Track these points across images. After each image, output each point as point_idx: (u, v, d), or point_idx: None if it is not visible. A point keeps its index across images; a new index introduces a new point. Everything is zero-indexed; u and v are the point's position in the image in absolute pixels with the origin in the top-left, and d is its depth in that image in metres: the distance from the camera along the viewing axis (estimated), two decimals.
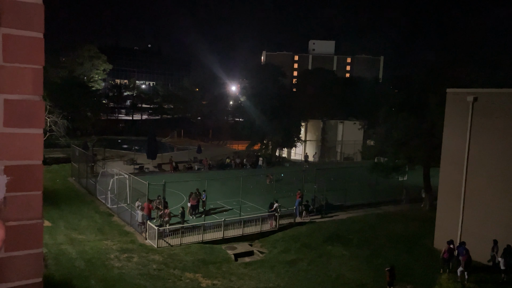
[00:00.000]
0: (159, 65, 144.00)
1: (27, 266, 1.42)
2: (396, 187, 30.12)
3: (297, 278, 18.23)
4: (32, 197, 1.44)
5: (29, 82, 1.40)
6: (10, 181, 1.37)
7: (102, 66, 68.68)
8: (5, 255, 1.37)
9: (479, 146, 19.72)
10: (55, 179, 33.36)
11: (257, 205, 27.58)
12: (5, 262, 1.37)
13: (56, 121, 38.07)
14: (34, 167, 1.43)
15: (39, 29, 1.40)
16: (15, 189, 1.39)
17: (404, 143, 26.42)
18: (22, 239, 1.42)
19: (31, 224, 1.44)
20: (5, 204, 1.37)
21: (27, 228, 1.43)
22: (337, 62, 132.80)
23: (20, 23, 1.35)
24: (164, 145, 55.44)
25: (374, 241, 22.28)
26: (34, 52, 1.40)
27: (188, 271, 17.89)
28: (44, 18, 1.43)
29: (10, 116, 1.37)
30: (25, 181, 1.41)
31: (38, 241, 1.46)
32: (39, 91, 1.42)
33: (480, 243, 18.78)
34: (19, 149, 1.39)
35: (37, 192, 1.45)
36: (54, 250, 18.49)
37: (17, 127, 1.38)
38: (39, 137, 1.44)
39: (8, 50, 1.35)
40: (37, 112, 1.42)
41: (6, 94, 1.36)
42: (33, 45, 1.40)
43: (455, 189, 20.66)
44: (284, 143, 49.54)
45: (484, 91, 20.05)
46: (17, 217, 1.41)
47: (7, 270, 1.38)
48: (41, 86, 1.43)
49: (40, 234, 1.47)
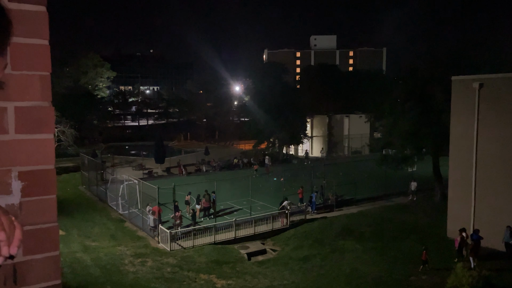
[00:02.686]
0: (162, 69, 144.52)
1: (46, 268, 1.45)
2: (406, 179, 29.92)
3: (311, 274, 18.22)
4: (46, 201, 1.47)
5: (38, 89, 1.44)
6: (25, 186, 1.40)
7: (106, 74, 69.18)
8: (23, 259, 1.41)
9: (487, 133, 19.54)
10: (66, 188, 33.66)
11: (267, 204, 27.60)
12: (24, 266, 1.41)
13: (64, 131, 38.40)
14: (47, 171, 1.46)
15: (45, 37, 1.43)
16: (29, 194, 1.42)
17: (411, 133, 26.25)
18: (39, 243, 1.45)
19: (47, 228, 1.48)
20: (21, 209, 1.41)
21: (43, 231, 1.46)
22: (340, 56, 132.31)
23: (26, 31, 1.38)
24: (172, 148, 55.68)
25: (387, 234, 22.19)
26: (41, 59, 1.44)
27: (202, 273, 17.97)
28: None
29: (21, 123, 1.40)
30: (39, 185, 1.44)
31: (55, 244, 1.49)
32: (47, 97, 1.45)
33: (494, 231, 18.61)
34: (31, 155, 1.42)
35: (51, 196, 1.48)
36: (69, 258, 18.68)
37: (29, 133, 1.41)
38: (50, 142, 1.47)
39: (16, 59, 1.38)
40: (47, 118, 1.46)
41: (16, 101, 1.39)
42: (40, 52, 1.43)
43: (465, 178, 20.49)
44: (290, 140, 49.48)
45: (489, 76, 19.86)
46: (33, 221, 1.44)
47: (26, 274, 1.41)
48: (50, 92, 1.46)
49: (56, 237, 1.50)
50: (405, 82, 28.96)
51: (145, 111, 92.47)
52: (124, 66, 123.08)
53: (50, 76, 1.46)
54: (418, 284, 16.57)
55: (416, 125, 25.86)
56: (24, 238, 1.43)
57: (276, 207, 25.61)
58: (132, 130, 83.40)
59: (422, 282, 16.67)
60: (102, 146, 53.69)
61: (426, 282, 16.67)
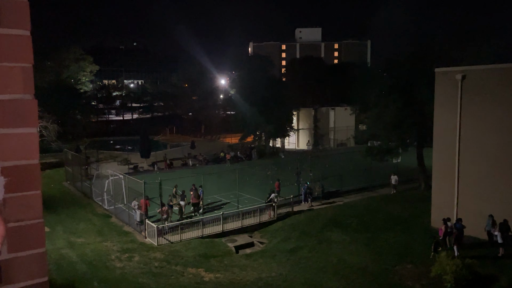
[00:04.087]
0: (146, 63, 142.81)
1: (32, 266, 1.42)
2: (391, 170, 30.32)
3: (298, 265, 18.38)
4: (31, 197, 1.43)
5: (20, 81, 1.39)
6: (8, 182, 1.36)
7: (88, 67, 67.97)
8: (8, 256, 1.37)
9: (470, 123, 19.90)
10: (50, 184, 33.14)
11: (254, 197, 27.67)
12: (9, 263, 1.37)
13: (46, 126, 37.71)
14: (31, 166, 1.42)
15: (26, 27, 1.38)
16: (13, 189, 1.38)
17: (395, 125, 26.55)
18: (24, 240, 1.42)
19: (32, 224, 1.44)
20: (5, 205, 1.36)
21: (29, 228, 1.43)
22: (325, 49, 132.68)
23: (6, 21, 1.33)
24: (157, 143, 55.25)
25: (373, 224, 22.49)
26: (22, 50, 1.38)
27: (190, 267, 17.96)
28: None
29: (2, 116, 1.35)
30: (23, 181, 1.40)
31: (41, 241, 1.46)
32: (30, 89, 1.41)
33: (477, 219, 19.04)
34: (15, 150, 1.38)
35: (36, 191, 1.44)
36: (54, 255, 18.44)
37: (11, 127, 1.36)
38: (34, 136, 1.43)
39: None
40: (30, 111, 1.41)
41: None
42: (21, 43, 1.38)
43: (448, 168, 20.87)
44: (277, 133, 49.57)
45: (472, 68, 20.18)
46: (18, 218, 1.40)
47: (12, 271, 1.37)
48: (32, 84, 1.41)
49: (42, 234, 1.46)
50: (389, 75, 29.22)
51: (130, 105, 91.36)
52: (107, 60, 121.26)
53: (32, 68, 1.41)
54: (403, 273, 16.88)
55: (400, 117, 26.16)
56: (8, 235, 1.40)
57: (263, 200, 25.70)
58: (117, 125, 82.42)
59: (407, 271, 16.98)
60: (86, 141, 52.93)
61: (411, 271, 16.98)
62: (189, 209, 25.05)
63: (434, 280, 15.57)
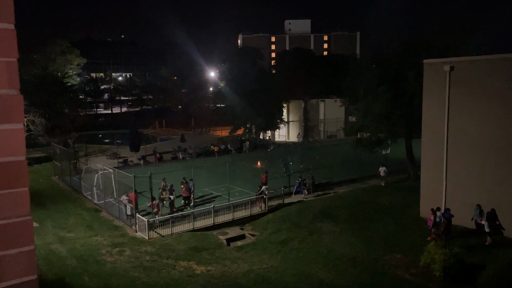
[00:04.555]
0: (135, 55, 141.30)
1: (20, 264, 1.40)
2: (380, 161, 30.57)
3: (289, 257, 18.51)
4: (18, 194, 1.40)
5: (4, 76, 1.35)
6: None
7: (75, 60, 67.03)
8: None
9: (458, 115, 20.12)
10: (38, 179, 32.77)
11: (245, 189, 27.71)
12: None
13: (33, 120, 37.18)
14: (18, 163, 1.40)
15: (10, 20, 1.34)
16: (0, 187, 1.36)
17: (385, 116, 26.73)
18: (12, 238, 1.39)
19: (20, 222, 1.42)
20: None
21: (16, 226, 1.40)
22: (314, 41, 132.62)
23: None
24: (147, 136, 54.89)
25: (362, 215, 22.72)
26: (7, 44, 1.35)
27: (181, 260, 17.96)
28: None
29: None
30: (10, 178, 1.37)
31: (29, 238, 1.44)
32: (15, 84, 1.37)
33: (465, 209, 19.34)
34: (0, 146, 1.35)
35: (24, 188, 1.41)
36: (44, 250, 18.29)
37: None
38: (20, 132, 1.40)
39: None
40: (16, 107, 1.38)
41: None
42: (5, 37, 1.34)
43: (437, 158, 21.12)
44: (267, 125, 49.59)
45: (460, 59, 20.36)
46: (5, 216, 1.38)
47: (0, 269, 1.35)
48: (17, 79, 1.38)
49: (30, 231, 1.44)
50: (379, 66, 29.34)
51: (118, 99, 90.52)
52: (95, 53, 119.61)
53: (17, 62, 1.38)
54: (393, 262, 17.11)
55: (389, 108, 26.34)
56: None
57: (254, 193, 25.75)
58: (105, 118, 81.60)
59: (397, 261, 17.22)
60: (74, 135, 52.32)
61: (401, 260, 17.23)
62: (180, 203, 25.00)
63: (423, 269, 15.83)
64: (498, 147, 18.78)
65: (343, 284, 15.51)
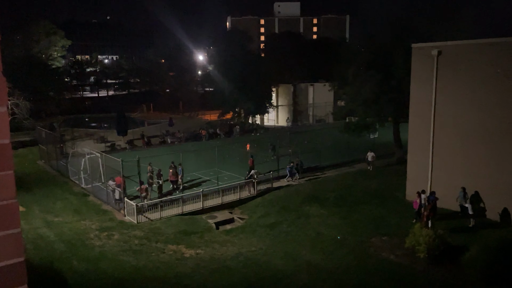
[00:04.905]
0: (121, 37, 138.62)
1: (7, 246, 1.38)
2: (368, 145, 30.85)
3: (278, 239, 18.74)
4: (3, 177, 1.38)
5: None
6: None
7: (60, 42, 65.57)
8: None
9: (445, 99, 20.31)
10: (24, 163, 32.36)
11: (234, 174, 27.79)
12: None
13: (17, 103, 36.49)
14: (2, 146, 1.37)
15: None
16: None
17: (373, 101, 26.86)
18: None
19: (6, 205, 1.40)
20: None
21: (2, 208, 1.38)
22: (304, 24, 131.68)
23: None
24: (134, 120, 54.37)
25: (350, 198, 23.02)
26: None
27: (170, 243, 18.06)
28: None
29: None
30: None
31: (15, 221, 1.42)
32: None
33: (450, 192, 19.72)
34: None
35: (9, 171, 1.39)
36: (31, 234, 18.20)
37: None
38: (3, 115, 1.37)
39: None
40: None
41: None
42: None
43: (423, 142, 21.38)
44: (256, 110, 49.49)
45: (447, 44, 20.43)
46: None
47: None
48: None
49: (17, 214, 1.42)
50: (367, 50, 29.32)
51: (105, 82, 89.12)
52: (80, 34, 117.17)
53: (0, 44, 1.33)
54: (379, 244, 17.45)
55: (378, 93, 26.46)
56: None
57: (243, 177, 25.84)
58: (92, 102, 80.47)
59: (383, 243, 17.56)
60: (60, 119, 51.60)
61: (386, 242, 17.58)
62: (169, 187, 24.98)
63: (408, 251, 16.18)
64: (484, 131, 19.08)
65: (330, 266, 15.80)
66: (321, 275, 15.12)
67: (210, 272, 15.46)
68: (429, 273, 14.88)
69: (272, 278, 15.05)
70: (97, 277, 14.87)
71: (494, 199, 18.72)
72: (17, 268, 1.37)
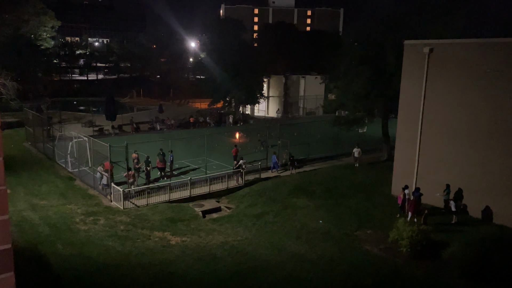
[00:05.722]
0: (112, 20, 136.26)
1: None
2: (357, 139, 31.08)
3: (264, 230, 18.87)
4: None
5: None
6: None
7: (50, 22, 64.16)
8: None
9: (434, 96, 20.52)
10: (9, 144, 31.90)
11: (222, 163, 27.79)
12: None
13: (4, 83, 35.79)
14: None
15: None
16: None
17: (363, 95, 26.99)
18: None
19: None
20: None
21: None
22: (298, 15, 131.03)
23: None
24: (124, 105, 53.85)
25: (336, 191, 23.24)
26: None
27: (156, 230, 18.06)
28: None
29: None
30: None
31: (3, 208, 1.42)
32: None
33: (434, 189, 20.04)
34: None
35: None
36: (16, 217, 18.02)
37: None
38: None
39: None
40: None
41: None
42: None
43: (411, 138, 21.63)
44: (247, 99, 49.34)
45: (439, 42, 20.58)
46: None
47: None
48: None
49: (5, 201, 1.42)
50: (360, 45, 29.33)
51: (94, 65, 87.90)
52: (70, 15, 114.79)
53: None
54: (363, 237, 17.71)
55: (368, 88, 26.58)
56: None
57: (231, 166, 25.86)
58: (81, 85, 79.31)
59: (367, 236, 17.82)
60: (48, 101, 50.80)
61: (371, 236, 17.84)
62: (157, 174, 24.90)
63: (391, 245, 16.46)
64: (471, 130, 19.36)
65: (314, 257, 15.99)
66: (305, 265, 15.31)
67: (195, 260, 15.54)
68: (411, 267, 15.18)
69: (257, 268, 15.19)
70: (81, 261, 14.83)
71: (477, 197, 19.09)
72: (4, 255, 1.37)
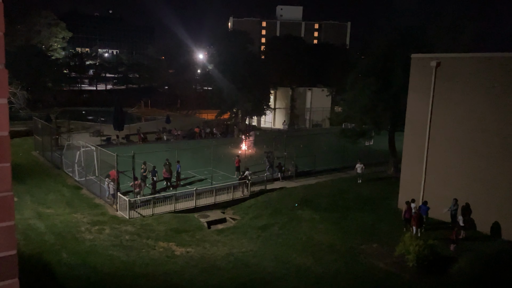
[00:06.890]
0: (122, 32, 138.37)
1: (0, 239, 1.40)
2: (363, 152, 30.95)
3: (269, 242, 18.74)
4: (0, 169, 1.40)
5: None
6: None
7: (61, 33, 65.34)
8: None
9: (441, 110, 20.44)
10: (18, 153, 32.19)
11: (228, 174, 27.77)
12: None
13: (15, 93, 36.31)
14: (1, 138, 1.39)
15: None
16: None
17: (370, 108, 26.96)
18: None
19: (1, 197, 1.42)
20: None
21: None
22: (305, 29, 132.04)
23: None
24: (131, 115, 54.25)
25: (342, 204, 23.08)
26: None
27: (161, 240, 18.02)
28: None
29: None
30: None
31: (10, 214, 1.44)
32: (1, 59, 1.36)
33: (442, 203, 19.82)
34: None
35: (5, 164, 1.41)
36: (22, 225, 18.11)
37: None
38: (4, 107, 1.39)
39: None
40: (0, 81, 1.37)
41: None
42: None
43: (418, 152, 21.49)
44: (253, 111, 49.48)
45: (446, 55, 20.58)
46: None
47: None
48: (3, 54, 1.36)
49: (11, 207, 1.44)
50: (367, 58, 29.43)
51: (104, 75, 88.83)
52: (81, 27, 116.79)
53: (3, 36, 1.36)
54: (369, 252, 17.50)
55: (375, 101, 26.55)
56: None
57: (237, 177, 25.83)
58: (90, 95, 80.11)
59: (373, 250, 17.62)
60: (57, 110, 51.35)
61: (376, 250, 17.63)
62: (163, 184, 24.94)
63: (398, 259, 16.25)
64: (479, 144, 19.20)
65: (319, 270, 15.82)
66: (310, 279, 15.15)
67: (200, 271, 15.45)
68: (417, 282, 14.95)
69: (261, 280, 15.05)
70: (85, 271, 14.81)
71: (485, 212, 18.85)
72: (9, 261, 1.39)
